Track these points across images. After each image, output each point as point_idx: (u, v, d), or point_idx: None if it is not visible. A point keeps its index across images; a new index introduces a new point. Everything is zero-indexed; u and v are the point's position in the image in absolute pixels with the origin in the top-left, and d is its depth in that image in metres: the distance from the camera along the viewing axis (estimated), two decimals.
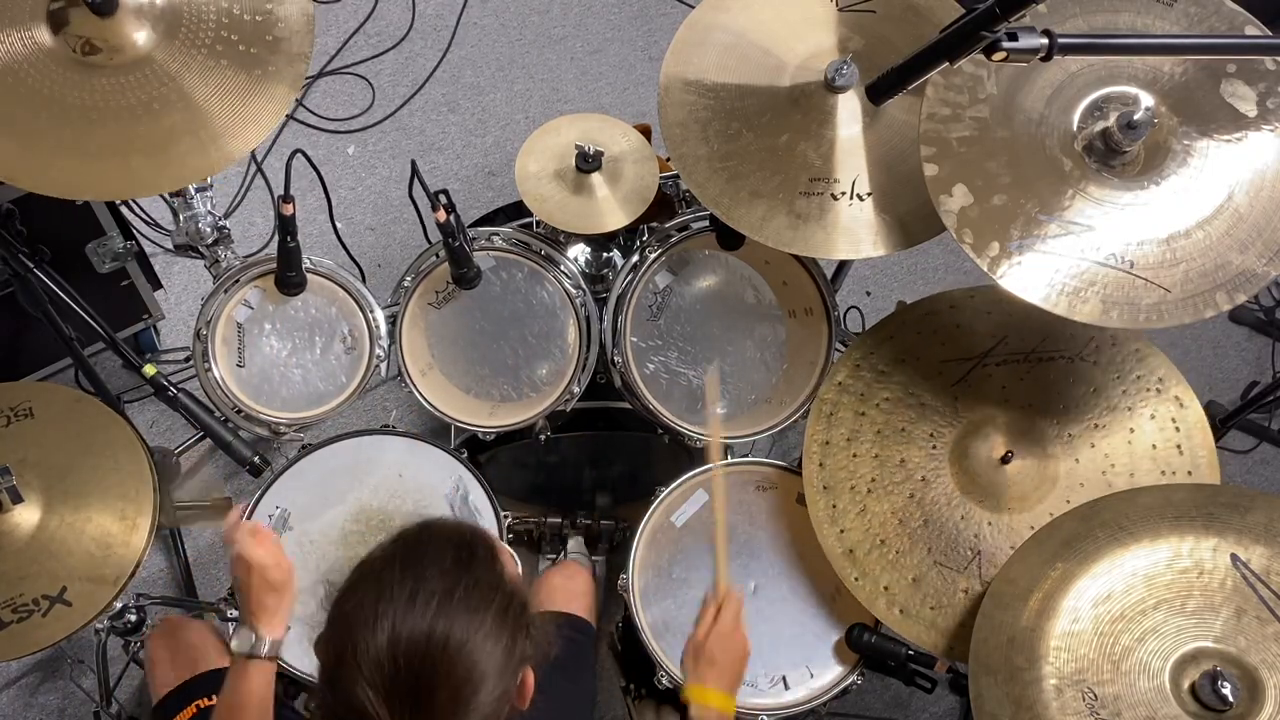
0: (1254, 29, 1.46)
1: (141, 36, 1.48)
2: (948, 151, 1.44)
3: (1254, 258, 1.38)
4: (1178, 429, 1.58)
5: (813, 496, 1.60)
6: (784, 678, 1.62)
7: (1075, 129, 1.45)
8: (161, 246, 2.52)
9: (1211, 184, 1.41)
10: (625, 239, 1.96)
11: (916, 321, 1.68)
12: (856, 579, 1.55)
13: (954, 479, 1.58)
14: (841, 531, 1.57)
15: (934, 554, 1.54)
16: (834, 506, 1.58)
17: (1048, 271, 1.39)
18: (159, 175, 1.45)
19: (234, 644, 1.32)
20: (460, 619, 0.99)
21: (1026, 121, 1.45)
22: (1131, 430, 1.58)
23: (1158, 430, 1.58)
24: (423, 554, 1.05)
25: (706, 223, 1.76)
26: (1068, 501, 1.54)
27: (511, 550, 1.22)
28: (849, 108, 1.58)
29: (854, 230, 1.55)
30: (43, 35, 1.45)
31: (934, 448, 1.59)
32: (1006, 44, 1.17)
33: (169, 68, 1.48)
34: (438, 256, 1.73)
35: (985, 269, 1.40)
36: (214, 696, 1.53)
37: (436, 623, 0.98)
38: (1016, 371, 1.63)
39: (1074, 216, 1.41)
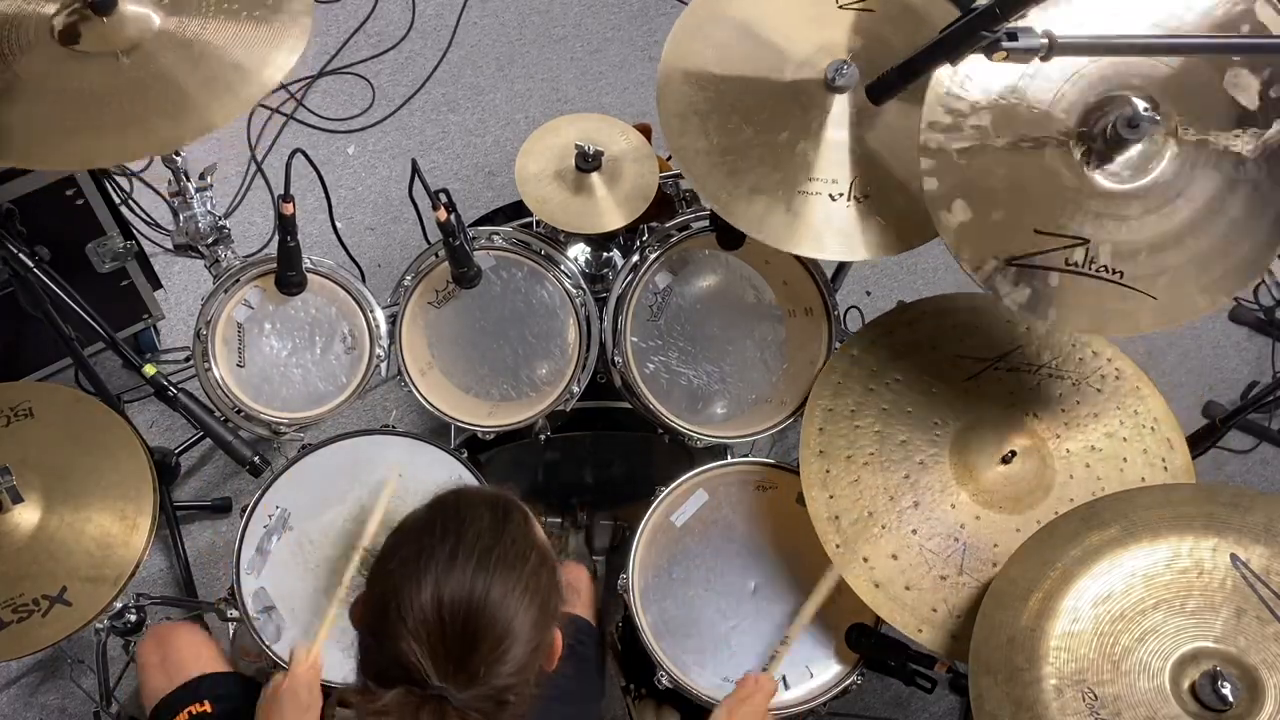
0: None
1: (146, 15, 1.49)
2: (948, 164, 1.43)
3: (1247, 252, 1.39)
4: (1165, 469, 1.60)
5: (807, 457, 1.61)
6: (784, 677, 1.62)
7: (1075, 130, 1.44)
8: (161, 246, 2.52)
9: (1205, 184, 1.42)
10: (625, 239, 1.96)
11: (940, 313, 1.70)
12: (837, 545, 1.56)
13: (952, 468, 1.58)
14: (830, 497, 1.58)
15: (919, 536, 1.55)
16: (827, 471, 1.59)
17: (1043, 287, 1.40)
18: (198, 120, 1.46)
19: None
20: (499, 576, 1.03)
21: (1026, 127, 1.45)
22: (1124, 460, 1.61)
23: (1147, 466, 1.61)
24: (460, 517, 1.09)
25: (706, 222, 1.76)
26: (1057, 512, 1.54)
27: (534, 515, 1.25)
28: (848, 109, 1.58)
29: (849, 232, 1.55)
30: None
31: (937, 435, 1.60)
32: (1006, 44, 1.18)
33: (182, 35, 1.49)
34: (437, 256, 1.73)
35: (981, 285, 1.41)
36: (206, 702, 1.53)
37: (477, 580, 1.02)
38: (1026, 381, 1.64)
39: (1070, 229, 1.41)
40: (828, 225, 1.55)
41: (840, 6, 1.64)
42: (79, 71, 1.45)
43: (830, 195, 1.55)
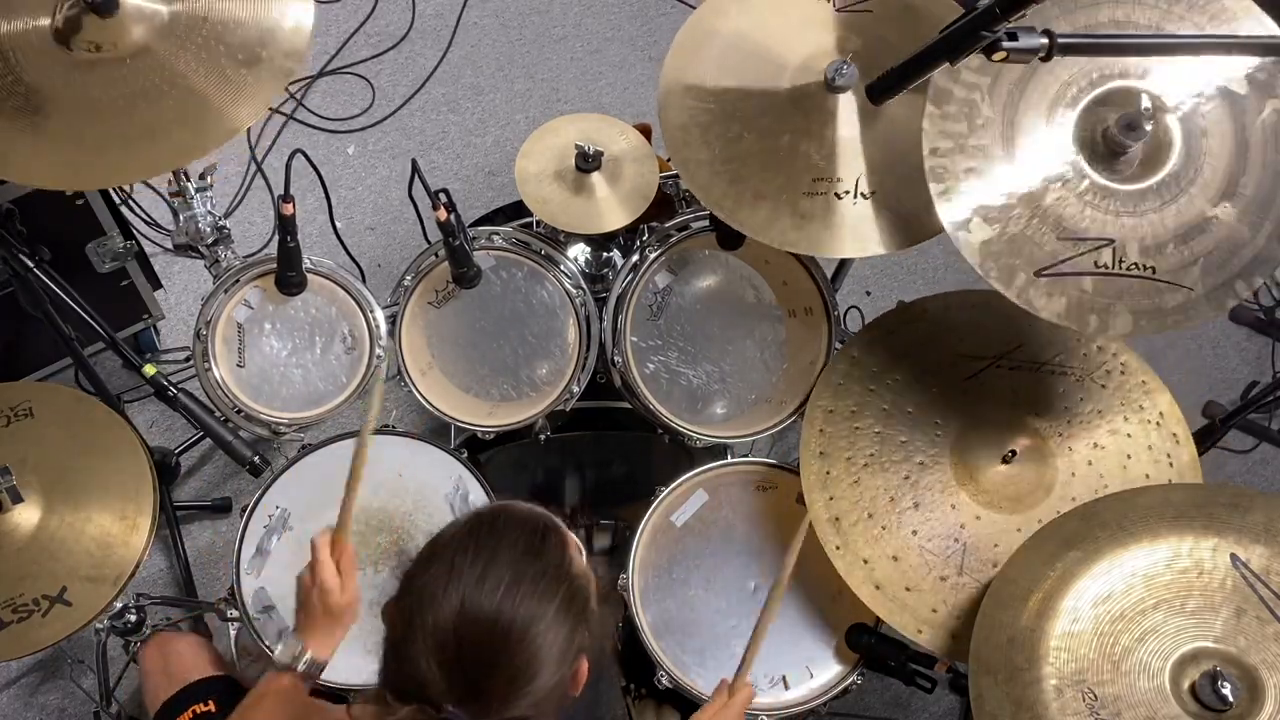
0: None
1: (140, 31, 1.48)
2: (957, 187, 1.43)
3: (1263, 238, 1.39)
4: (1171, 464, 1.60)
5: (807, 459, 1.61)
6: (784, 678, 1.62)
7: (1075, 138, 1.43)
8: (161, 246, 2.52)
9: (1213, 169, 1.41)
10: (625, 239, 1.96)
11: (941, 312, 1.70)
12: (837, 547, 1.56)
13: (952, 469, 1.58)
14: (830, 498, 1.58)
15: (919, 537, 1.55)
16: (827, 473, 1.59)
17: (1077, 292, 1.39)
18: (205, 137, 1.50)
19: (278, 651, 1.31)
20: (526, 605, 1.01)
21: (1028, 141, 1.44)
22: (1129, 456, 1.60)
23: (1152, 463, 1.60)
24: (496, 536, 1.06)
25: (706, 222, 1.76)
26: (1058, 511, 1.54)
27: (578, 541, 1.20)
28: (849, 107, 1.58)
29: (859, 229, 1.55)
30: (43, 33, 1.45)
31: (938, 435, 1.60)
32: (1006, 43, 1.17)
33: (171, 52, 1.48)
34: (437, 256, 1.73)
35: (1015, 299, 1.39)
36: (209, 702, 1.54)
37: (503, 606, 1.00)
38: (1029, 379, 1.64)
39: (1092, 232, 1.40)
40: (835, 224, 1.55)
41: (838, 10, 1.64)
42: (90, 81, 1.45)
43: (836, 194, 1.55)
